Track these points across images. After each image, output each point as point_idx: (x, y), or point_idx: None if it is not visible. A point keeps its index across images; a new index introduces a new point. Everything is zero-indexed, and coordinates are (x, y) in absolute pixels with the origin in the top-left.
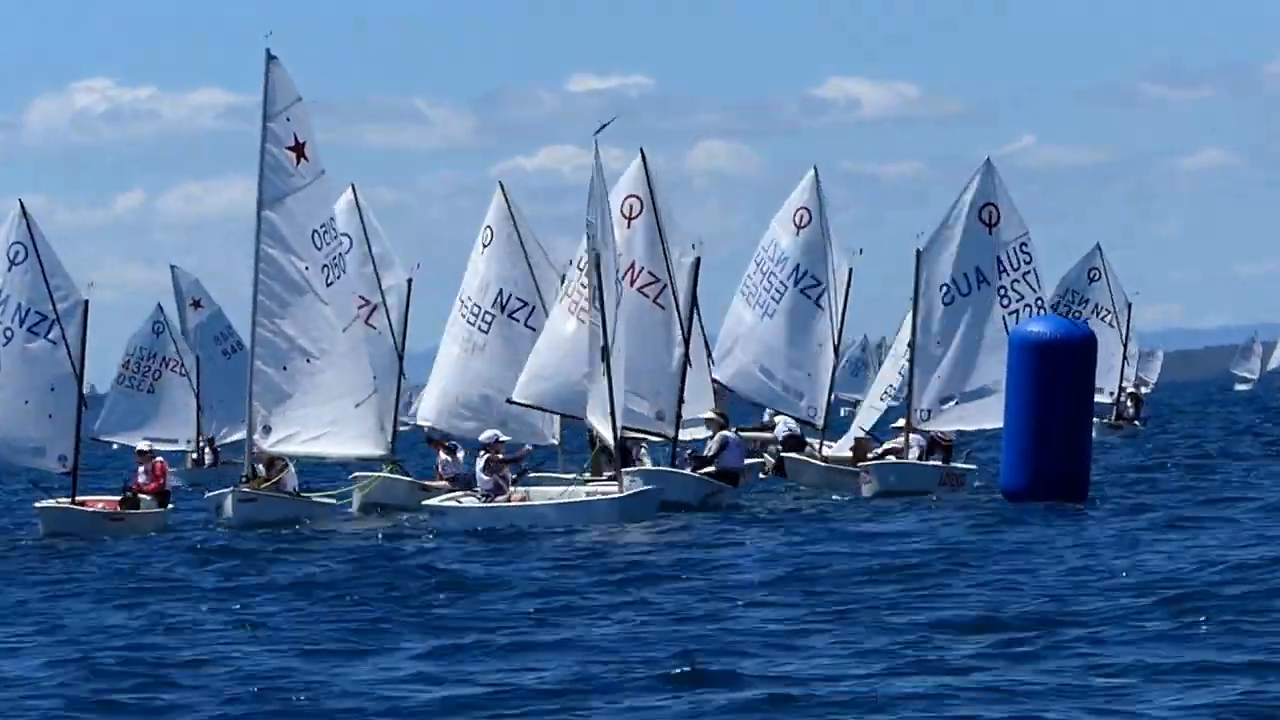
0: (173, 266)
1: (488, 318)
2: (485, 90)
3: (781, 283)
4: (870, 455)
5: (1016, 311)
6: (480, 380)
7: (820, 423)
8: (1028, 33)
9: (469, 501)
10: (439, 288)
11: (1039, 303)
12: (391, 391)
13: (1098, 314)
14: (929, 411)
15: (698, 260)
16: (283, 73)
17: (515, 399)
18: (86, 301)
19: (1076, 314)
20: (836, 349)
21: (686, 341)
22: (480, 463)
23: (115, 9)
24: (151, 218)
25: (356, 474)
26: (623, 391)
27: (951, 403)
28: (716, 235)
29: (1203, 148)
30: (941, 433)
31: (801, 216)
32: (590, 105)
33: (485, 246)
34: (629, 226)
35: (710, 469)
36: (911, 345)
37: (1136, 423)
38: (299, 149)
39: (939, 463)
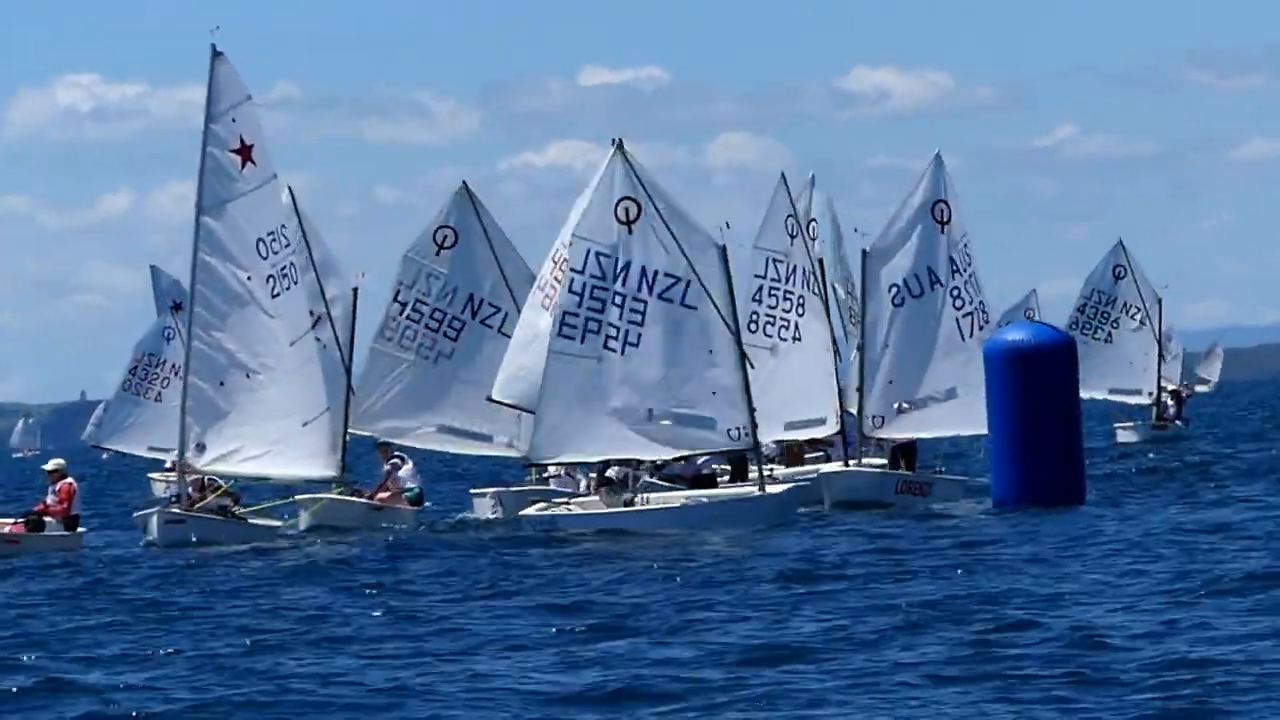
0: (152, 267)
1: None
2: (492, 83)
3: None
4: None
5: (971, 314)
6: None
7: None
8: (1065, 17)
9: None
10: None
11: (982, 307)
12: (339, 407)
13: (1126, 312)
14: (882, 418)
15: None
16: (230, 70)
17: (495, 397)
18: None
19: (1105, 314)
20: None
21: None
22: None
23: (92, 4)
24: (140, 219)
25: (302, 494)
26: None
27: (906, 408)
28: (740, 234)
29: (1250, 138)
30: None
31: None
32: (602, 98)
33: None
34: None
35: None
36: (860, 349)
37: (1179, 422)
38: (245, 151)
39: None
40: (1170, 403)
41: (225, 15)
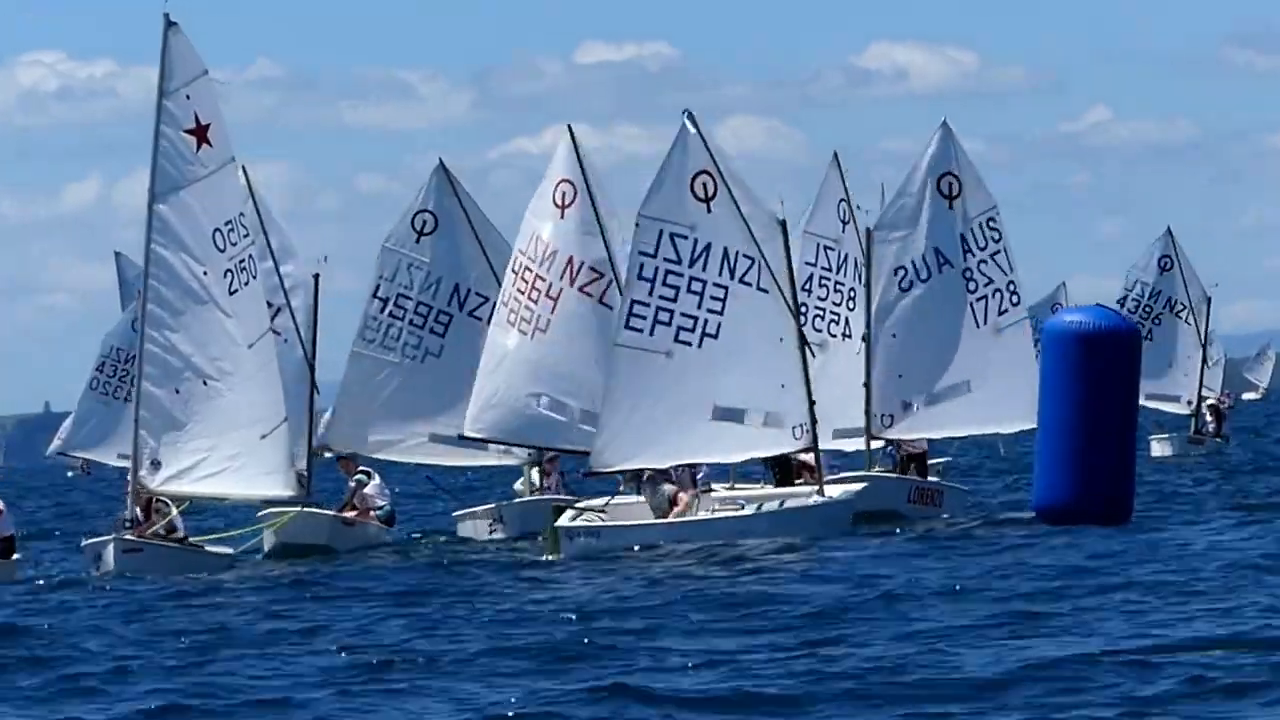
0: (117, 254)
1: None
2: (483, 63)
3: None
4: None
5: (985, 297)
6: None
7: None
8: None
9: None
10: None
11: (1011, 287)
12: (303, 412)
13: (1171, 309)
14: (891, 417)
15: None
16: (184, 42)
17: (468, 433)
18: None
19: (1148, 309)
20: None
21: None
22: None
23: None
24: (108, 210)
25: (265, 511)
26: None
27: (916, 406)
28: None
29: None
30: (911, 444)
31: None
32: (601, 78)
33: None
34: (563, 217)
35: None
36: (866, 340)
37: (1219, 439)
38: (201, 131)
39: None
40: (1209, 418)
41: None
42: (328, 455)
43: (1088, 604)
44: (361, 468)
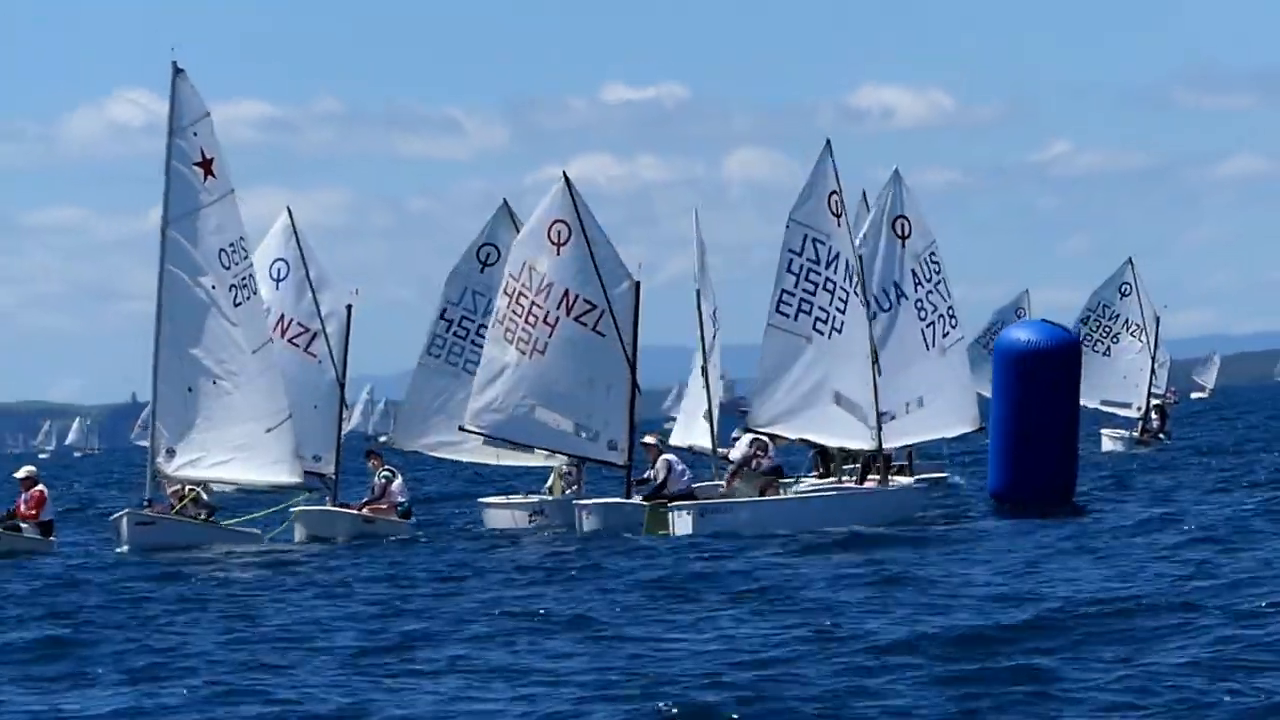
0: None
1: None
2: (518, 101)
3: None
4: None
5: (933, 323)
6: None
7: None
8: (1063, 38)
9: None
10: None
11: (950, 312)
12: (333, 426)
13: (1128, 329)
14: None
15: (637, 285)
16: (189, 86)
17: (466, 426)
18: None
19: (1107, 329)
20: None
21: (633, 368)
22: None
23: (149, 23)
24: None
25: (296, 504)
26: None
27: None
28: (753, 244)
29: (1238, 153)
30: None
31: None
32: (623, 114)
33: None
34: (559, 254)
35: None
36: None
37: (1161, 436)
38: (206, 164)
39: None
40: (1155, 417)
41: (265, 34)
42: (391, 448)
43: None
44: (387, 466)
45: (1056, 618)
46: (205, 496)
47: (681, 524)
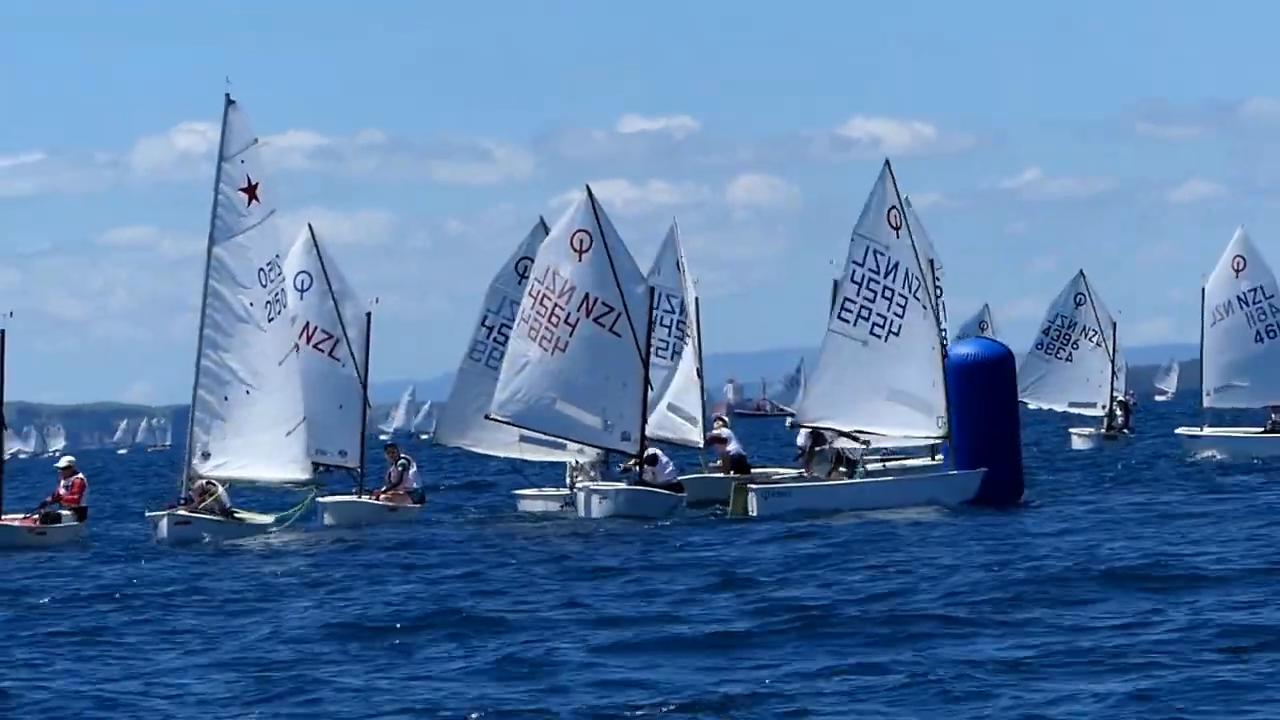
0: None
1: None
2: (544, 132)
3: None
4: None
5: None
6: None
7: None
8: (1032, 76)
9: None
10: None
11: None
12: (357, 422)
13: (1085, 336)
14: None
15: (652, 289)
16: (240, 116)
17: (492, 415)
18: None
19: (1066, 336)
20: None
21: (646, 366)
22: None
23: (209, 61)
24: None
25: (325, 498)
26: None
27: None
28: (755, 261)
29: (1189, 180)
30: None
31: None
32: (638, 144)
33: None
34: (580, 260)
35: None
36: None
37: (1126, 430)
38: (251, 190)
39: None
40: (1119, 413)
41: (312, 70)
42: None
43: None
44: (402, 455)
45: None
46: (225, 499)
47: (755, 504)
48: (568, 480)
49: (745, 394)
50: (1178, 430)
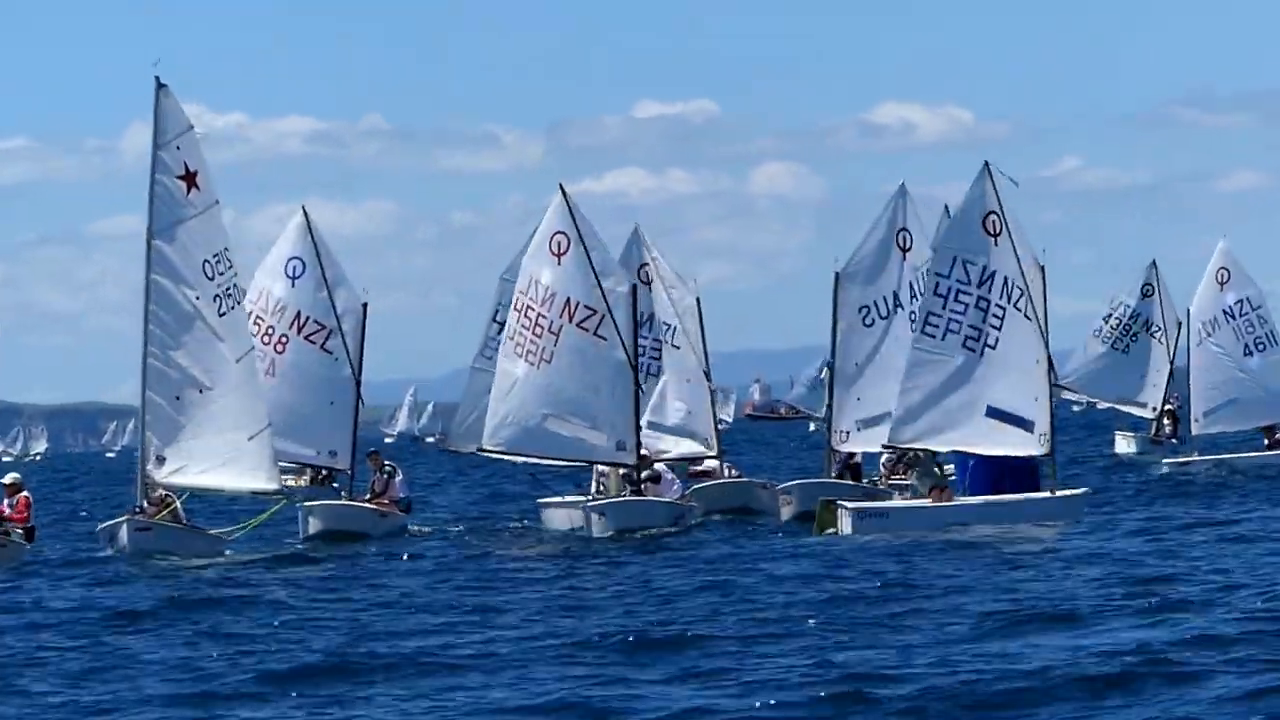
0: None
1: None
2: (555, 118)
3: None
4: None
5: None
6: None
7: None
8: (1071, 62)
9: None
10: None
11: None
12: (349, 419)
13: (1147, 329)
14: (848, 433)
15: (634, 288)
16: (173, 101)
17: (485, 447)
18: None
19: (1127, 328)
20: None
21: (634, 369)
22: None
23: (205, 39)
24: (242, 237)
25: (304, 502)
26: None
27: (875, 425)
28: (779, 253)
29: (1234, 170)
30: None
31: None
32: (654, 130)
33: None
34: (559, 264)
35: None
36: (830, 367)
37: (1173, 440)
38: (190, 177)
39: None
40: (1167, 422)
41: (313, 52)
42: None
43: None
44: (387, 463)
45: None
46: (181, 510)
47: (849, 524)
48: (593, 487)
49: (774, 394)
50: (1164, 461)
